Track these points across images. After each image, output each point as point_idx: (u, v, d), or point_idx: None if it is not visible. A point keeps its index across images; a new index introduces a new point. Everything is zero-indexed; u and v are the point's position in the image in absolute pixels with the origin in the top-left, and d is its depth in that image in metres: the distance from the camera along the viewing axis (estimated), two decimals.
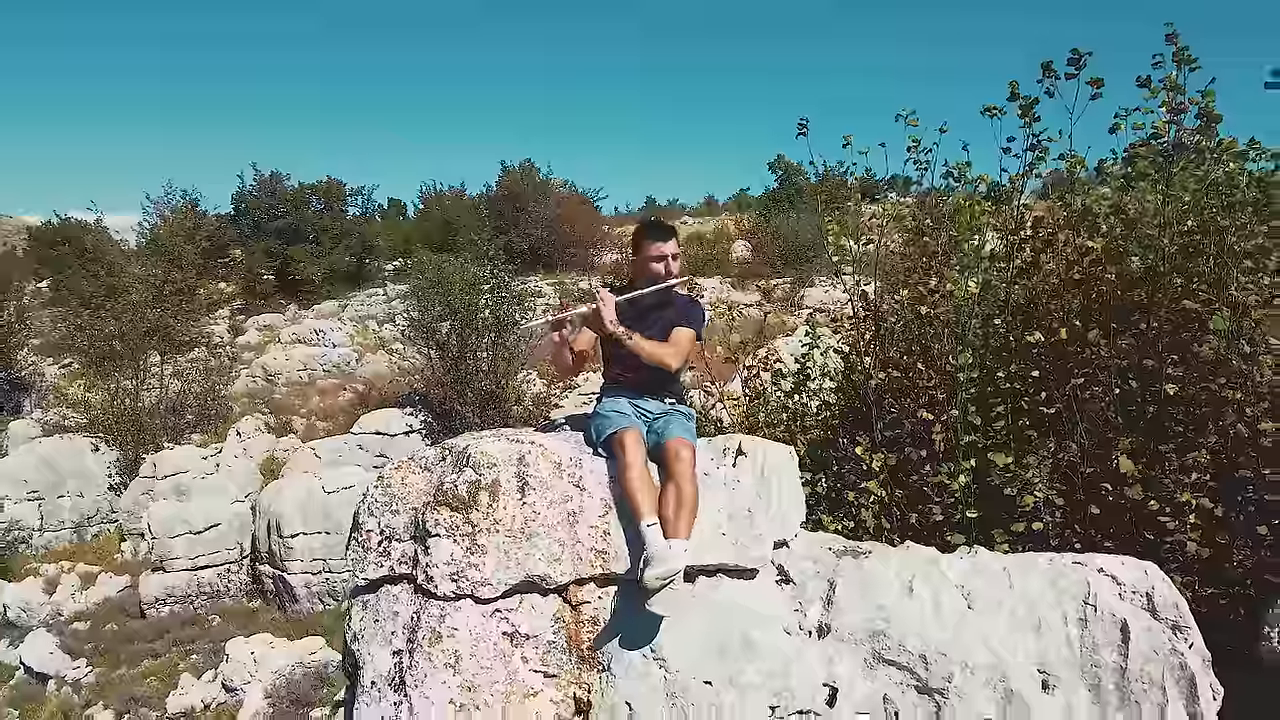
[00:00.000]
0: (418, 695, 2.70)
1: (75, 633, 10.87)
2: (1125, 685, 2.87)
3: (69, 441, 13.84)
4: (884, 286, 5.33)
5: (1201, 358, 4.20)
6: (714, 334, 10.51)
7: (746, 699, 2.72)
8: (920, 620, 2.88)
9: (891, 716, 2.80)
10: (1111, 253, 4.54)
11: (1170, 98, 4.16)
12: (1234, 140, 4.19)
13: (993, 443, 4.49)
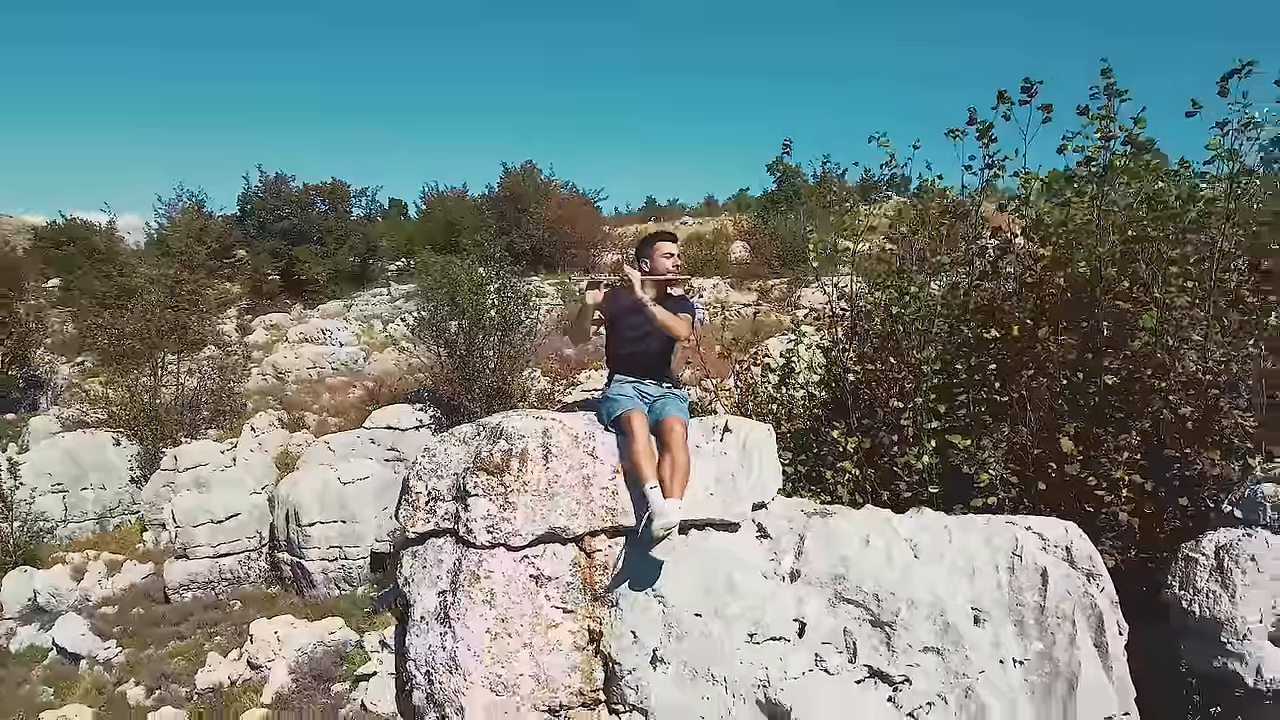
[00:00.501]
0: (460, 626, 3.32)
1: (104, 616, 11.50)
2: (1043, 620, 3.49)
3: (91, 436, 14.45)
4: (861, 289, 5.96)
5: (1134, 352, 4.81)
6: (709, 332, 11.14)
7: (729, 628, 3.34)
8: (875, 567, 3.49)
9: (850, 645, 3.42)
10: (1059, 259, 5.16)
11: (1103, 126, 4.78)
12: (1159, 163, 4.80)
13: (953, 427, 5.11)
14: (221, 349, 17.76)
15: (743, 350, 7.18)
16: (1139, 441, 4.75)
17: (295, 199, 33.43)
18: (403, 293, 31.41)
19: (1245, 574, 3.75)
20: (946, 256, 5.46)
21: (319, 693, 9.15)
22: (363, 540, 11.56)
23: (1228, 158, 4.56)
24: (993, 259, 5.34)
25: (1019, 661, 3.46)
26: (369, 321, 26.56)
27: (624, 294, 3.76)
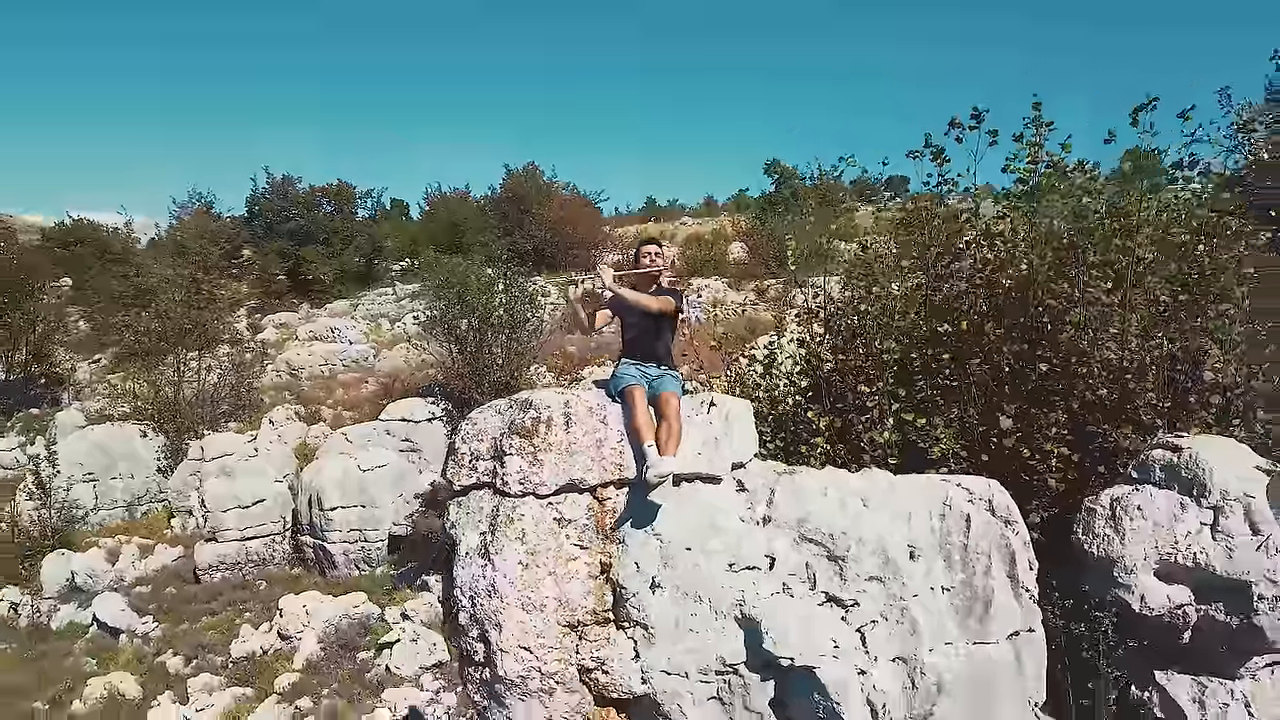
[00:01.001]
0: (498, 559, 4.19)
1: (139, 595, 12.37)
2: (966, 555, 4.36)
3: (120, 429, 15.32)
4: (834, 289, 6.83)
5: (1062, 343, 5.68)
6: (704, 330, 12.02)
7: (713, 561, 4.20)
8: (831, 514, 4.35)
9: (810, 575, 4.28)
10: (1003, 264, 6.03)
11: (1033, 151, 5.66)
12: (1084, 181, 5.68)
13: (911, 408, 5.98)
14: (238, 346, 18.60)
15: (734, 345, 8.05)
16: (1066, 419, 5.62)
17: (302, 200, 34.29)
18: (408, 292, 32.24)
19: (1132, 520, 4.61)
20: (906, 261, 6.33)
21: (346, 660, 10.01)
22: (381, 524, 12.42)
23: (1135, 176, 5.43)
24: (947, 264, 6.21)
25: (945, 588, 4.33)
26: (376, 320, 27.42)
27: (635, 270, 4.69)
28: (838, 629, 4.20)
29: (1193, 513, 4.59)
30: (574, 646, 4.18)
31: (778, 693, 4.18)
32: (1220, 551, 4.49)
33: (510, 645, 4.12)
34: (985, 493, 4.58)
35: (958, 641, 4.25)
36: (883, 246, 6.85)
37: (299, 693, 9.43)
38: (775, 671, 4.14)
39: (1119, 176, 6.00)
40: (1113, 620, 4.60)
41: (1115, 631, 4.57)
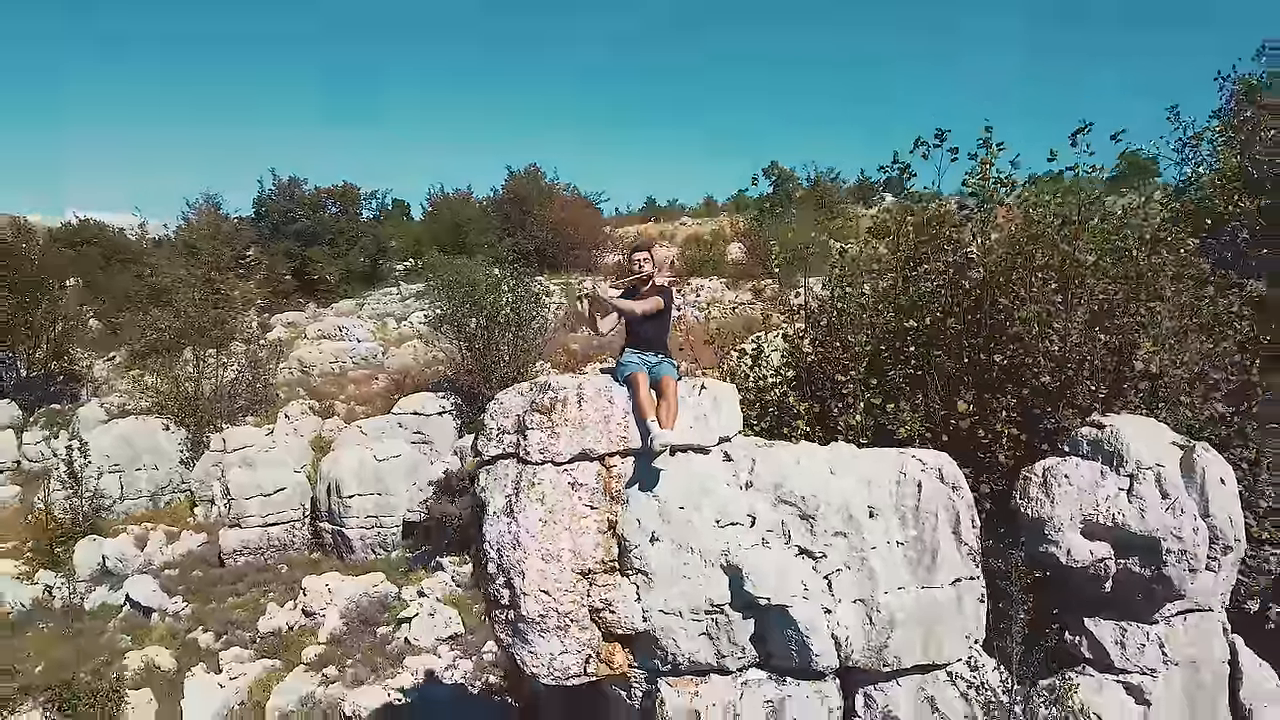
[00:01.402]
0: (521, 516, 5.00)
1: (167, 577, 13.18)
2: (918, 515, 5.17)
3: (143, 422, 16.13)
4: (815, 289, 7.65)
5: (1012, 336, 6.49)
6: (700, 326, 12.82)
7: (703, 517, 5.01)
8: (803, 479, 5.16)
9: (785, 531, 5.09)
10: (961, 267, 6.84)
11: (983, 169, 6.48)
12: (1025, 196, 6.50)
13: (881, 395, 6.78)
14: (252, 344, 19.39)
15: (726, 341, 8.85)
16: (1016, 404, 6.43)
17: (308, 201, 35.12)
18: (412, 292, 33.06)
19: (1060, 487, 5.43)
20: (876, 264, 7.15)
21: (367, 634, 10.84)
22: (395, 511, 13.24)
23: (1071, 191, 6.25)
24: (913, 267, 7.03)
25: (900, 542, 5.15)
26: (382, 320, 28.23)
27: (631, 293, 5.48)
28: (808, 575, 5.02)
29: (1111, 480, 5.40)
30: (585, 590, 5.00)
31: (757, 629, 5.00)
32: (1135, 512, 5.30)
33: (532, 589, 4.94)
34: (936, 463, 5.40)
35: (909, 586, 5.07)
36: (860, 249, 7.65)
37: (325, 663, 10.26)
38: (755, 610, 4.96)
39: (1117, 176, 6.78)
40: (1044, 573, 5.41)
41: (1049, 583, 5.38)
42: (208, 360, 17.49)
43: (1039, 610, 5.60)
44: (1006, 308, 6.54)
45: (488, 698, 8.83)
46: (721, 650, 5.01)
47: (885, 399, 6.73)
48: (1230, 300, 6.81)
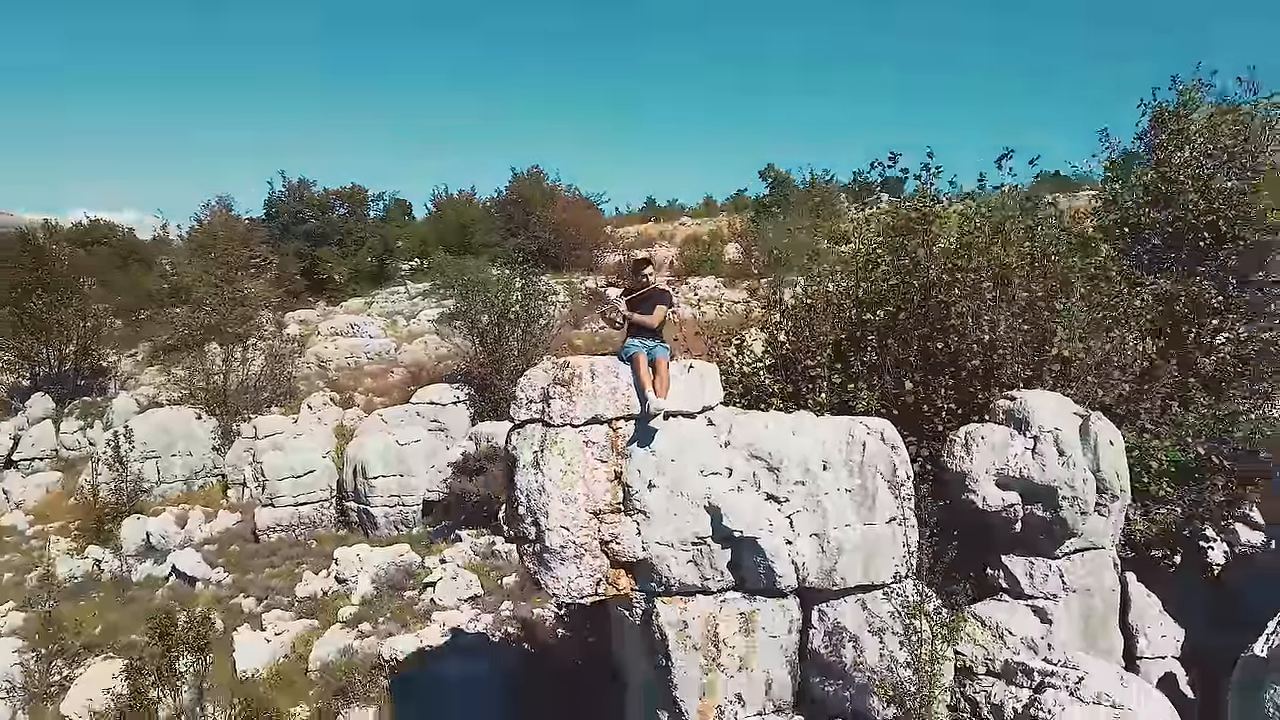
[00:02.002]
0: (545, 468, 6.37)
1: (207, 552, 14.55)
2: (862, 468, 6.54)
3: (177, 411, 17.51)
4: (790, 286, 9.02)
5: (951, 327, 7.86)
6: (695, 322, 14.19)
7: (690, 468, 6.39)
8: (770, 440, 6.53)
9: (756, 480, 6.46)
10: (910, 271, 8.22)
11: (923, 189, 7.86)
12: (960, 210, 7.88)
13: (843, 377, 8.16)
14: (274, 339, 20.74)
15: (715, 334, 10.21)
16: (953, 383, 7.81)
17: (316, 203, 36.48)
18: (419, 291, 34.44)
19: (977, 446, 6.80)
20: (840, 266, 8.53)
21: (395, 597, 12.21)
22: (416, 491, 14.61)
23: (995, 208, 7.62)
24: (870, 270, 8.40)
25: (847, 489, 6.52)
26: (392, 318, 29.60)
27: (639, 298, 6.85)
28: (773, 514, 6.39)
29: (1019, 441, 6.77)
30: (596, 527, 6.37)
31: (733, 557, 6.38)
32: (1037, 467, 6.67)
33: (554, 526, 6.31)
34: (878, 428, 6.77)
35: (854, 523, 6.44)
36: (832, 254, 9.03)
37: (359, 620, 11.64)
38: (731, 542, 6.33)
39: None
40: (966, 517, 6.79)
41: (976, 526, 6.76)
42: (235, 355, 18.84)
43: (968, 549, 6.99)
44: (946, 304, 7.92)
45: (506, 645, 10.20)
46: (705, 574, 6.38)
47: (846, 380, 8.10)
48: (1137, 295, 8.20)
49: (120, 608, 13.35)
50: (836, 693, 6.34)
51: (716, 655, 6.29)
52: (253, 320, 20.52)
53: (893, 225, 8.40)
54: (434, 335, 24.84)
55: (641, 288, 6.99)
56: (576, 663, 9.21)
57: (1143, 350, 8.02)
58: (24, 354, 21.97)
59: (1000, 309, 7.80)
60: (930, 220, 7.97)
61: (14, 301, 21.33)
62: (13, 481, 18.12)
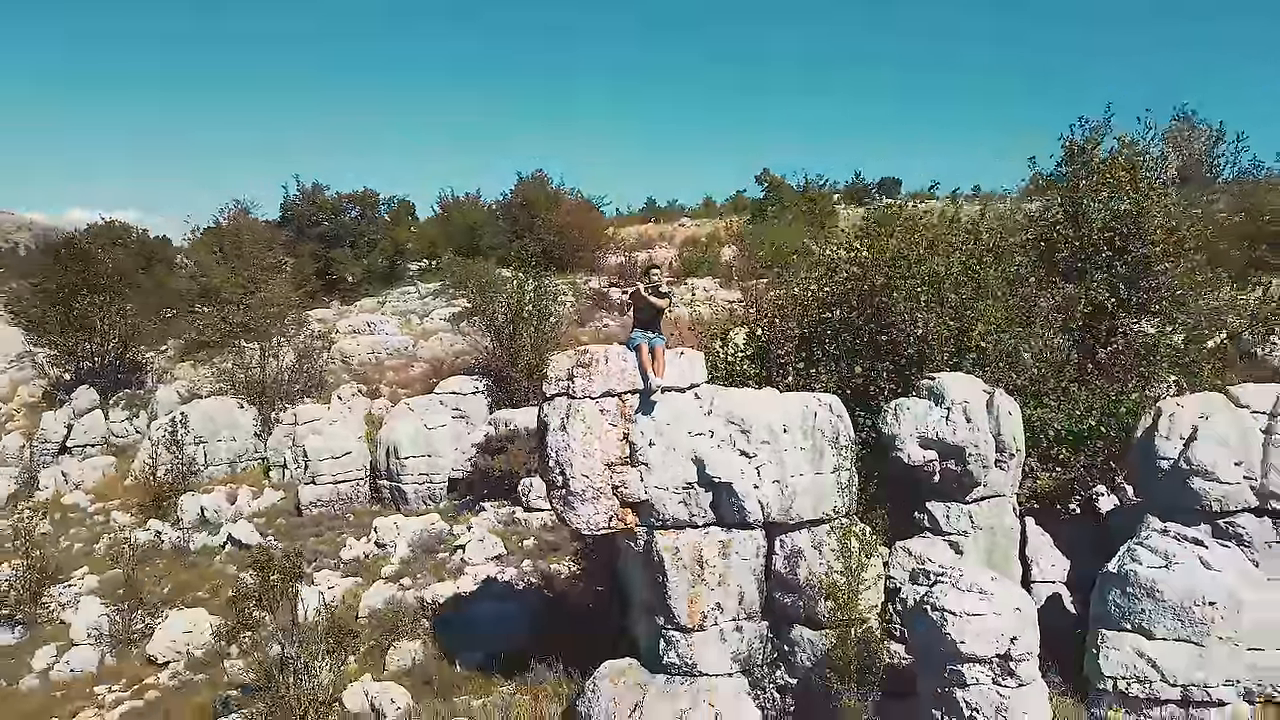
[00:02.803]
0: (570, 430, 8.47)
1: (257, 523, 16.63)
2: (814, 431, 8.64)
3: (221, 401, 19.60)
4: (764, 288, 11.12)
5: (891, 323, 9.95)
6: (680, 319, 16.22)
7: (681, 431, 8.48)
8: (743, 410, 8.62)
9: (732, 440, 8.55)
10: (860, 277, 10.31)
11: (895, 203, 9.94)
12: (902, 226, 9.98)
13: (805, 363, 10.24)
14: (303, 336, 22.81)
15: (705, 329, 12.29)
16: (892, 368, 9.90)
17: (329, 206, 38.58)
18: (429, 290, 36.52)
19: (903, 415, 8.88)
20: (806, 273, 10.64)
21: (429, 559, 14.27)
22: (442, 470, 16.70)
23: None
24: (827, 278, 10.50)
25: (802, 448, 8.61)
26: (405, 316, 31.68)
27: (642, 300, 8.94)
28: (745, 466, 8.48)
29: (936, 411, 8.84)
30: (609, 475, 8.45)
31: (713, 498, 8.46)
32: (949, 431, 8.74)
33: (577, 475, 8.40)
34: (827, 402, 8.87)
35: (806, 473, 8.53)
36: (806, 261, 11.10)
37: (399, 576, 13.72)
38: (712, 487, 8.41)
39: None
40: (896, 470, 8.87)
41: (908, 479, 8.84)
42: (269, 351, 20.94)
43: (901, 497, 9.10)
44: (888, 305, 10.01)
45: (529, 591, 12.28)
46: (692, 512, 8.46)
47: (809, 366, 10.21)
48: (1045, 299, 10.29)
49: (185, 570, 15.45)
50: (793, 602, 8.43)
51: (701, 573, 8.38)
52: (280, 319, 22.57)
53: (846, 242, 10.50)
54: (448, 332, 26.97)
55: (656, 286, 9.07)
56: (589, 605, 11.29)
57: (1046, 342, 10.10)
58: (70, 350, 24.07)
59: (931, 309, 9.89)
60: (878, 235, 10.07)
61: (62, 301, 23.42)
62: (70, 465, 20.21)
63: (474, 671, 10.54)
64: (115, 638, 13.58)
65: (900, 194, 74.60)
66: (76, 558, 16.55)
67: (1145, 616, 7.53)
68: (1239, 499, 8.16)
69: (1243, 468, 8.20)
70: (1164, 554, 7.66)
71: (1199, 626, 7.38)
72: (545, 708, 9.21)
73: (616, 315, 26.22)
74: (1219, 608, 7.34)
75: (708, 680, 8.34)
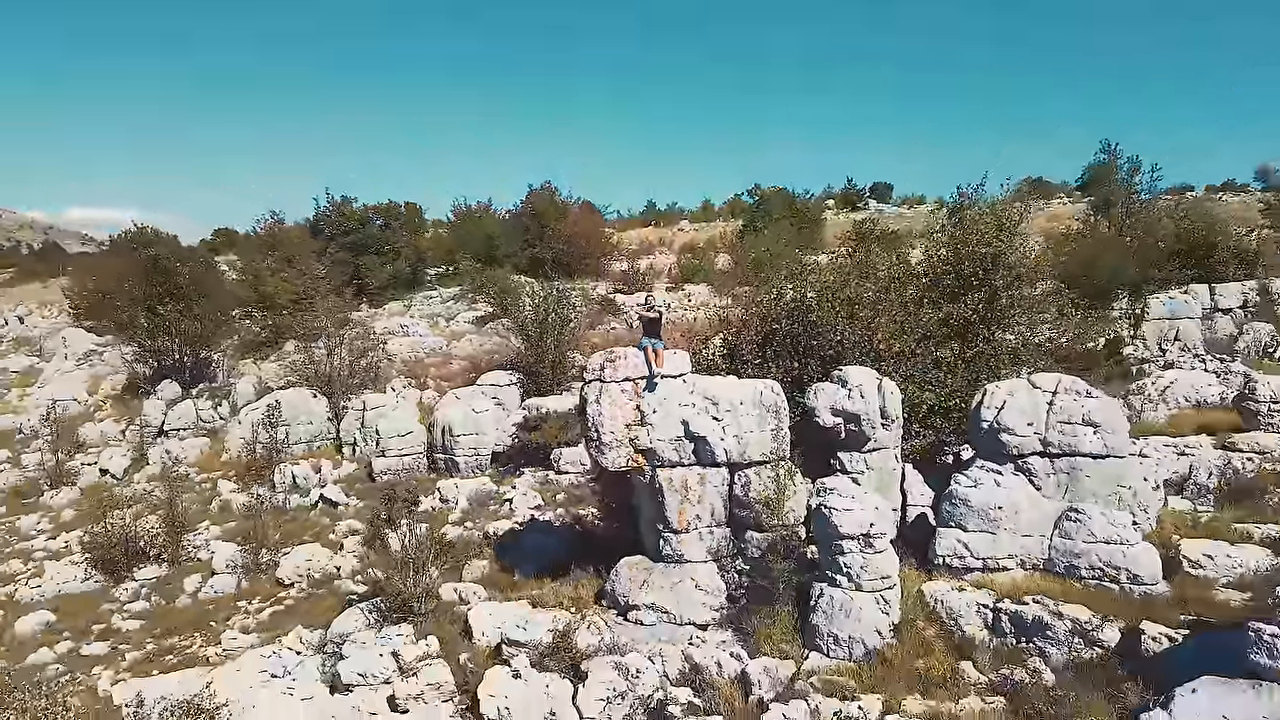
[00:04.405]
0: (602, 403, 13.57)
1: (340, 488, 21.70)
2: (762, 404, 13.73)
3: (298, 391, 24.67)
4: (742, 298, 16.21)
5: (822, 332, 15.01)
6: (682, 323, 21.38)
7: (674, 403, 13.57)
8: (716, 390, 13.68)
9: (708, 410, 13.62)
10: (799, 302, 15.38)
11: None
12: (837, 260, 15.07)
13: (764, 362, 15.30)
14: (358, 336, 27.86)
15: (694, 333, 17.34)
16: (819, 364, 14.99)
17: (357, 217, 43.66)
18: (450, 295, 41.61)
19: (821, 394, 13.92)
20: (769, 292, 15.74)
21: (484, 510, 19.34)
22: (487, 445, 21.75)
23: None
24: (777, 297, 15.57)
25: (755, 415, 13.69)
26: (432, 319, 36.75)
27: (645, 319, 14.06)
28: (715, 426, 13.55)
29: (842, 392, 13.86)
30: (627, 432, 13.54)
31: (695, 447, 13.53)
32: (850, 404, 13.77)
33: (606, 432, 13.50)
34: (772, 385, 13.95)
35: (756, 431, 13.60)
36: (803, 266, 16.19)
37: (462, 521, 18.79)
38: (694, 440, 13.48)
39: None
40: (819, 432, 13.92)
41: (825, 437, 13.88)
42: (332, 349, 26.01)
43: (823, 450, 14.19)
44: (817, 320, 15.07)
45: (565, 527, 17.34)
46: (681, 456, 13.52)
47: (763, 362, 15.29)
48: (928, 315, 15.36)
49: (288, 523, 20.51)
50: (746, 514, 13.47)
51: (686, 495, 13.43)
52: (336, 323, 27.66)
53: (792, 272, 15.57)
54: (475, 334, 32.06)
55: (654, 309, 14.15)
56: (608, 533, 16.35)
57: (930, 347, 15.15)
58: (154, 349, 29.14)
59: (848, 325, 14.95)
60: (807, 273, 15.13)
61: (148, 309, 28.50)
62: (172, 445, 25.27)
63: (528, 579, 15.62)
64: (247, 568, 18.63)
65: (891, 199, 79.53)
66: (197, 515, 21.60)
67: (962, 518, 12.66)
68: (1029, 446, 13.18)
69: (1033, 427, 13.22)
70: (975, 480, 12.79)
71: (993, 523, 12.49)
72: (583, 591, 14.27)
73: (623, 319, 31.27)
74: (1004, 511, 12.46)
75: (691, 565, 13.42)
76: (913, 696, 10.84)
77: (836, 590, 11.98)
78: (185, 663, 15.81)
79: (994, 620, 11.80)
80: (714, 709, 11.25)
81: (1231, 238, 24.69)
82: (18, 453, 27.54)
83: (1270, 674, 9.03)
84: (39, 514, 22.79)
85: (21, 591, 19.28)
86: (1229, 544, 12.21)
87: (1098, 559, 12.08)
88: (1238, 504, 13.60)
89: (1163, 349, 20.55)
